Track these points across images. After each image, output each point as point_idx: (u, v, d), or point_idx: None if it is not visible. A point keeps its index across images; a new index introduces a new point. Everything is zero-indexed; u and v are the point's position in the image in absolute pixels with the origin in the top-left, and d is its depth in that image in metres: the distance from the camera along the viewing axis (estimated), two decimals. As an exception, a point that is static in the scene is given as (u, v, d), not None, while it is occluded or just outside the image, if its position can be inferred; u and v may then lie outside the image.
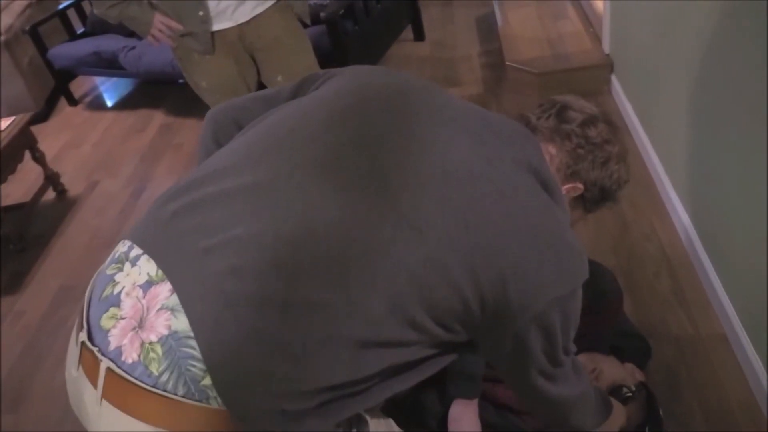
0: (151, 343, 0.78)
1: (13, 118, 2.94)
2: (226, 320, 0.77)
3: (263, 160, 0.89)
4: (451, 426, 1.51)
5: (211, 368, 0.77)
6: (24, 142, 2.93)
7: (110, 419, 0.81)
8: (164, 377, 0.78)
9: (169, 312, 0.79)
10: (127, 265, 0.85)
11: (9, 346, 2.26)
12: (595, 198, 1.12)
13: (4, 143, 2.74)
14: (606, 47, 3.01)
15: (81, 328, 0.86)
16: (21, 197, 3.13)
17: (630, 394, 1.43)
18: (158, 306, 0.79)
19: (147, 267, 0.83)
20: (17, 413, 1.97)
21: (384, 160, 0.87)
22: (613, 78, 2.93)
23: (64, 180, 3.20)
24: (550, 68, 3.03)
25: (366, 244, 0.81)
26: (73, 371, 0.88)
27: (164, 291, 0.80)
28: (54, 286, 2.51)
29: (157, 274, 0.82)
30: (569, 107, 1.09)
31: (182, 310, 0.78)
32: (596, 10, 3.17)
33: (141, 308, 0.80)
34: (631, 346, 1.62)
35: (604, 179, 1.09)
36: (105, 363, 0.80)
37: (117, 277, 0.85)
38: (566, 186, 1.08)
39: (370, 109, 0.94)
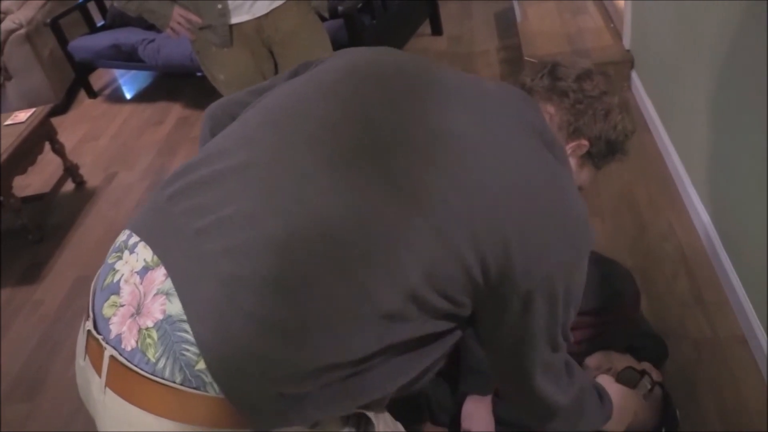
0: (147, 328, 0.78)
1: (33, 109, 2.97)
2: (219, 301, 0.75)
3: (255, 139, 0.89)
4: (464, 422, 1.51)
5: (204, 351, 0.75)
6: (44, 133, 2.96)
7: (114, 408, 0.81)
8: (161, 363, 0.77)
9: (164, 296, 0.78)
10: (126, 252, 0.86)
11: (26, 336, 2.28)
12: (603, 152, 1.09)
13: (24, 134, 2.77)
14: (626, 43, 2.98)
15: (87, 317, 0.86)
16: (40, 188, 3.16)
17: (650, 387, 1.41)
18: (154, 291, 0.79)
19: (144, 253, 0.83)
20: (33, 402, 2.00)
21: (378, 131, 0.85)
22: (633, 74, 2.90)
23: (83, 172, 3.23)
24: (570, 64, 2.99)
25: (361, 215, 0.79)
26: (81, 361, 0.89)
27: (160, 276, 0.80)
28: (71, 276, 2.54)
29: (152, 260, 0.81)
30: (560, 65, 1.08)
31: (176, 294, 0.78)
32: (617, 6, 3.13)
33: (138, 294, 0.80)
34: (647, 347, 1.60)
35: (608, 131, 1.06)
36: (108, 351, 0.80)
37: (117, 266, 0.85)
38: (571, 144, 1.06)
39: (362, 82, 0.93)
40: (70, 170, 3.13)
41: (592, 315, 1.55)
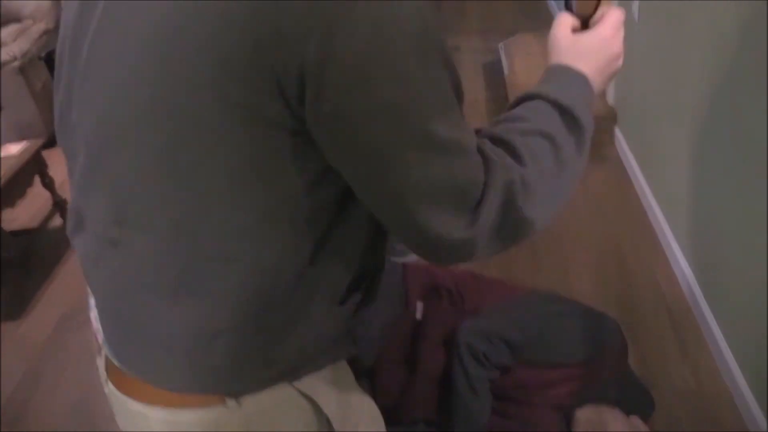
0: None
1: (26, 142, 2.97)
2: (107, 290, 0.81)
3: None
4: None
5: (110, 347, 0.82)
6: (35, 166, 2.96)
7: (115, 398, 0.87)
8: None
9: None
10: None
11: (11, 370, 2.26)
12: None
13: (16, 168, 2.77)
14: (610, 98, 3.09)
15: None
16: (28, 222, 3.15)
17: None
18: None
19: None
20: (17, 440, 1.97)
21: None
22: (617, 129, 3.00)
23: (71, 206, 3.22)
24: (556, 117, 3.08)
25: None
26: (97, 360, 0.95)
27: None
28: (57, 311, 2.52)
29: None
30: None
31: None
32: (601, 63, 3.25)
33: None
34: (634, 399, 1.63)
35: None
36: (105, 349, 0.87)
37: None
38: None
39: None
40: (59, 205, 3.12)
41: (581, 367, 1.58)
